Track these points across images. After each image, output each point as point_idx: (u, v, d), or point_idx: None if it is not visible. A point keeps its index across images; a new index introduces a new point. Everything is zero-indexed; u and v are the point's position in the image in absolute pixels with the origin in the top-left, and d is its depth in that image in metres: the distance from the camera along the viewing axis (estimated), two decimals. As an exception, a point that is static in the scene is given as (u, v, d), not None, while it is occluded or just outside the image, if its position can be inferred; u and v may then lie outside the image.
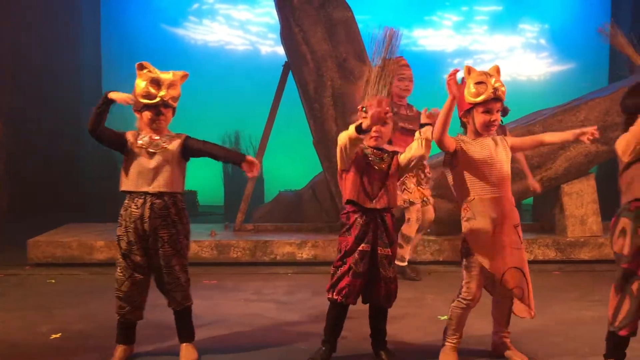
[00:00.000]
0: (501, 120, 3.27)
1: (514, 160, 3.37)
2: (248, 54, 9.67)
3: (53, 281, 5.05)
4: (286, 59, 6.36)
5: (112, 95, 3.10)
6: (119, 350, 3.26)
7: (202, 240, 5.64)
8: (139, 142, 3.20)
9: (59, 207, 7.25)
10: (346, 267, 3.15)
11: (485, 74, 3.10)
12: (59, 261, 5.48)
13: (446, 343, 3.25)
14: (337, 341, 3.27)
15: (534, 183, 5.20)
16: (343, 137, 3.11)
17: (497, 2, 9.76)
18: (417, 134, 3.16)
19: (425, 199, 5.15)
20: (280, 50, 6.83)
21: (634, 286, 2.78)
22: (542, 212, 6.60)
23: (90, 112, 3.11)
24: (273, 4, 6.42)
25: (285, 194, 7.23)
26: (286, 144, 8.21)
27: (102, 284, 3.26)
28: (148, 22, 9.27)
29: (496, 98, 3.07)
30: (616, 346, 2.90)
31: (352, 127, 3.04)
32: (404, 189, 5.04)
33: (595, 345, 3.10)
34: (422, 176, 5.17)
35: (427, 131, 3.10)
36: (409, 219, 5.05)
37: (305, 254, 5.64)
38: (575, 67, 9.58)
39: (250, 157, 3.27)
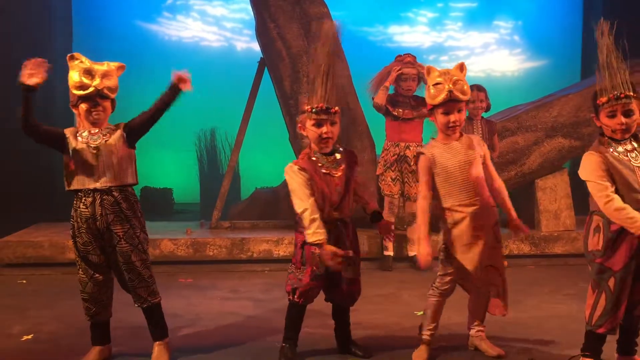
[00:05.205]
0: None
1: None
2: (223, 50, 9.59)
3: (24, 281, 4.97)
4: (261, 55, 6.32)
5: (27, 80, 2.95)
6: (95, 351, 3.21)
7: (177, 239, 5.58)
8: (79, 138, 3.08)
9: (27, 205, 7.09)
10: (307, 270, 3.10)
11: (444, 74, 3.05)
12: (30, 261, 5.37)
13: (422, 335, 3.25)
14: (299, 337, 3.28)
15: None
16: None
17: (472, -1, 9.84)
18: None
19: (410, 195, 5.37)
20: (256, 46, 6.77)
21: (610, 282, 2.80)
22: (516, 207, 6.62)
23: (18, 112, 2.97)
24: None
25: (261, 191, 7.20)
26: (262, 140, 8.16)
27: (75, 283, 3.19)
28: (121, 17, 9.13)
29: (453, 99, 3.02)
30: (594, 343, 2.92)
31: (311, 236, 2.96)
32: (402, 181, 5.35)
33: (569, 338, 3.13)
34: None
35: None
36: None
37: (282, 251, 5.61)
38: (549, 64, 9.68)
39: (177, 74, 3.07)
